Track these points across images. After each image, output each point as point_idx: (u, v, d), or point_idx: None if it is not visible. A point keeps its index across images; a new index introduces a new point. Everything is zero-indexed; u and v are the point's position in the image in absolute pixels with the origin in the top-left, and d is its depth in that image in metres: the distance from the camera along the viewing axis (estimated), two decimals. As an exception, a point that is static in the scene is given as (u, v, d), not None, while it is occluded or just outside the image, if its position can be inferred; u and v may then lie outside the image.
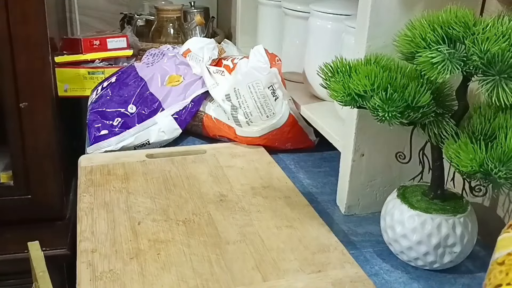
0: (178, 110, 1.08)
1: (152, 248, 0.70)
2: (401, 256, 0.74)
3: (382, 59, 0.74)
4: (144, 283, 0.64)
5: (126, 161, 0.93)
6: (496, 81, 0.56)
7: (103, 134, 1.02)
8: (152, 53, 1.22)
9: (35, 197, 1.14)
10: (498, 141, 0.60)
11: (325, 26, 1.04)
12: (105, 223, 0.75)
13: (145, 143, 1.03)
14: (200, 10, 1.69)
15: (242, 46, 1.47)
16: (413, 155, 0.75)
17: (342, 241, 0.74)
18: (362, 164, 0.84)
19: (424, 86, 0.67)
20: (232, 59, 1.15)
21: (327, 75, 0.73)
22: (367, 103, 0.68)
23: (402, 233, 0.72)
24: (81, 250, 0.69)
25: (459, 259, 0.72)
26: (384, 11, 0.76)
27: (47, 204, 1.15)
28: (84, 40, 1.35)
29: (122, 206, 0.79)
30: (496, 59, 0.57)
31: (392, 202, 0.74)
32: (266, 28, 1.35)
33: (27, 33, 1.00)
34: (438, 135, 0.67)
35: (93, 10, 1.77)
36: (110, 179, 0.87)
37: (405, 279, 0.73)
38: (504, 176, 0.57)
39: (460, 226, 0.70)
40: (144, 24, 1.63)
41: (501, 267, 0.44)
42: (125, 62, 1.39)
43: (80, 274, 0.65)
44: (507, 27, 0.59)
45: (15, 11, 0.98)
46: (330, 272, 0.67)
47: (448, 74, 0.59)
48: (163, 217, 0.77)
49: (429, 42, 0.62)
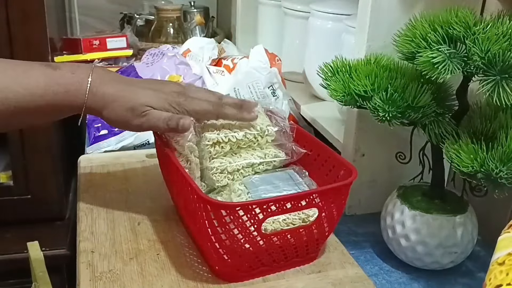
0: (178, 110, 1.08)
1: (152, 248, 0.70)
2: (401, 256, 0.74)
3: (382, 59, 0.74)
4: (143, 283, 0.63)
5: (126, 161, 0.93)
6: (497, 81, 0.56)
7: (102, 134, 1.02)
8: (152, 53, 1.22)
9: (35, 197, 1.14)
10: (498, 141, 0.60)
11: (325, 26, 1.04)
12: (105, 223, 0.75)
13: (145, 143, 1.03)
14: (200, 10, 1.69)
15: (242, 46, 1.47)
16: (413, 155, 0.75)
17: (342, 241, 0.74)
18: (363, 164, 0.84)
19: (425, 86, 0.67)
20: (232, 59, 1.15)
21: (327, 75, 0.73)
22: (367, 103, 0.68)
23: (402, 233, 0.72)
24: (81, 250, 0.69)
25: (459, 259, 0.72)
26: (384, 11, 0.76)
27: (46, 204, 1.15)
28: (83, 40, 1.34)
29: (122, 206, 0.79)
30: (496, 59, 0.56)
31: (392, 202, 0.74)
32: (266, 28, 1.35)
33: (27, 33, 1.00)
34: (439, 135, 0.67)
35: (93, 10, 1.77)
36: (110, 179, 0.87)
37: (405, 279, 0.73)
38: (505, 177, 0.57)
39: (460, 226, 0.70)
40: (144, 24, 1.63)
41: (502, 267, 0.44)
42: (125, 62, 1.38)
43: (80, 274, 0.65)
44: (507, 26, 0.59)
45: (15, 11, 0.98)
46: (330, 272, 0.67)
47: (448, 74, 0.59)
48: (163, 217, 0.77)
49: (429, 42, 0.62)
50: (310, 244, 0.66)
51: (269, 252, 0.63)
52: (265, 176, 0.72)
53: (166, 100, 0.68)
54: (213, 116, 0.70)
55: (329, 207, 0.63)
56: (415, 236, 0.71)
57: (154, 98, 0.68)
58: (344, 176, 0.67)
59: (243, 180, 0.71)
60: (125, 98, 0.67)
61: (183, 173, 0.63)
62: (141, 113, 0.67)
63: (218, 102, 0.70)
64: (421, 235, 0.70)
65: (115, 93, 0.67)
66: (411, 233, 0.71)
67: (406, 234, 0.71)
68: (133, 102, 0.67)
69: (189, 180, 0.61)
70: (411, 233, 0.71)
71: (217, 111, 0.69)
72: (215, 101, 0.71)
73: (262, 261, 0.64)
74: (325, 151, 0.72)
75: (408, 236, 0.71)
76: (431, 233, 0.70)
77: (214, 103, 0.70)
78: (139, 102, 0.67)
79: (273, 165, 0.74)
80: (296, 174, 0.72)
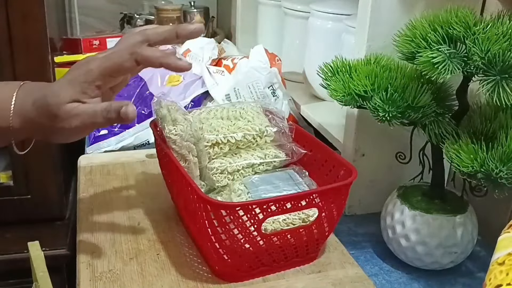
0: (178, 110, 1.08)
1: (152, 248, 0.70)
2: (401, 256, 0.74)
3: (382, 59, 0.74)
4: (143, 283, 0.63)
5: (126, 161, 0.93)
6: (497, 81, 0.56)
7: (102, 134, 1.02)
8: (152, 53, 1.21)
9: (35, 197, 1.14)
10: (498, 141, 0.60)
11: (325, 26, 1.04)
12: (105, 223, 0.75)
13: (145, 143, 1.03)
14: (200, 10, 1.69)
15: (242, 46, 1.47)
16: (413, 155, 0.75)
17: (342, 241, 0.74)
18: (363, 164, 0.84)
19: (425, 86, 0.67)
20: (232, 59, 1.15)
21: (327, 75, 0.73)
22: (367, 103, 0.68)
23: (402, 233, 0.72)
24: (81, 250, 0.69)
25: (459, 259, 0.72)
26: (384, 11, 0.76)
27: (46, 204, 1.15)
28: (84, 40, 1.35)
29: (122, 206, 0.79)
30: (496, 59, 0.56)
31: (392, 202, 0.74)
32: (266, 28, 1.35)
33: (27, 33, 1.00)
34: (439, 135, 0.67)
35: (93, 10, 1.77)
36: (110, 179, 0.87)
37: (405, 279, 0.73)
38: (505, 177, 0.56)
39: (461, 226, 0.70)
40: (144, 24, 1.63)
41: (502, 267, 0.44)
42: (125, 62, 1.38)
43: (80, 274, 0.65)
44: (507, 26, 0.59)
45: (15, 11, 0.98)
46: (330, 272, 0.67)
47: (448, 74, 0.59)
48: (163, 217, 0.77)
49: (429, 42, 0.62)
50: (310, 244, 0.66)
51: (269, 252, 0.63)
52: (265, 176, 0.72)
53: (85, 82, 0.55)
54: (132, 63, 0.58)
55: (329, 207, 0.63)
56: (415, 236, 0.70)
57: (70, 90, 0.55)
58: (344, 176, 0.67)
59: (243, 180, 0.71)
60: (43, 107, 0.55)
61: (183, 173, 0.63)
62: (67, 115, 0.55)
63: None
64: (421, 235, 0.70)
65: (34, 109, 0.55)
66: (411, 233, 0.71)
67: (406, 234, 0.71)
68: (51, 107, 0.55)
69: (189, 180, 0.61)
70: (411, 233, 0.71)
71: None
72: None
73: (262, 261, 0.64)
74: (325, 151, 0.72)
75: (408, 236, 0.71)
76: (431, 233, 0.70)
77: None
78: (56, 102, 0.54)
79: (273, 165, 0.74)
80: (296, 174, 0.72)
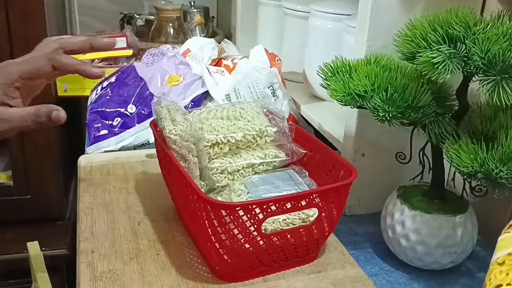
0: (178, 110, 1.08)
1: (152, 248, 0.70)
2: (401, 256, 0.74)
3: (382, 59, 0.73)
4: (143, 283, 0.63)
5: (126, 161, 0.93)
6: (497, 81, 0.56)
7: (102, 134, 1.02)
8: (151, 53, 1.22)
9: (35, 197, 1.14)
10: (498, 141, 0.60)
11: (325, 26, 1.04)
12: (105, 223, 0.75)
13: (145, 143, 1.03)
14: (200, 10, 1.69)
15: (242, 46, 1.47)
16: (413, 155, 0.75)
17: (342, 241, 0.74)
18: (363, 164, 0.84)
19: (425, 86, 0.67)
20: (232, 59, 1.15)
21: (327, 75, 0.73)
22: (367, 103, 0.68)
23: (402, 233, 0.72)
24: (81, 250, 0.69)
25: (459, 259, 0.72)
26: (384, 11, 0.76)
27: (46, 204, 1.15)
28: (84, 40, 1.34)
29: (122, 206, 0.79)
30: (496, 59, 0.56)
31: (392, 202, 0.74)
32: (266, 28, 1.35)
33: (27, 33, 1.00)
34: (439, 135, 0.67)
35: (92, 10, 1.77)
36: (110, 179, 0.87)
37: (405, 279, 0.73)
38: (505, 177, 0.56)
39: (460, 226, 0.70)
40: (144, 24, 1.63)
41: (502, 267, 0.44)
42: (125, 62, 1.38)
43: (80, 274, 0.65)
44: (507, 26, 0.59)
45: (15, 11, 0.98)
46: (330, 272, 0.67)
47: (448, 74, 0.59)
48: (163, 217, 0.77)
49: (429, 42, 0.62)
50: (310, 244, 0.66)
51: (269, 252, 0.63)
52: (265, 176, 0.72)
53: (5, 84, 0.55)
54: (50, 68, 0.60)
55: (329, 207, 0.63)
56: (415, 236, 0.70)
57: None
58: (344, 176, 0.67)
59: (243, 180, 0.71)
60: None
61: (183, 173, 0.63)
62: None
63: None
64: (421, 235, 0.70)
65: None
66: (411, 233, 0.71)
67: (406, 234, 0.71)
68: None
69: (189, 180, 0.61)
70: (411, 233, 0.71)
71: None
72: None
73: (262, 261, 0.64)
74: (325, 151, 0.72)
75: (408, 236, 0.71)
76: (431, 233, 0.70)
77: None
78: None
79: (273, 165, 0.74)
80: (296, 174, 0.72)
